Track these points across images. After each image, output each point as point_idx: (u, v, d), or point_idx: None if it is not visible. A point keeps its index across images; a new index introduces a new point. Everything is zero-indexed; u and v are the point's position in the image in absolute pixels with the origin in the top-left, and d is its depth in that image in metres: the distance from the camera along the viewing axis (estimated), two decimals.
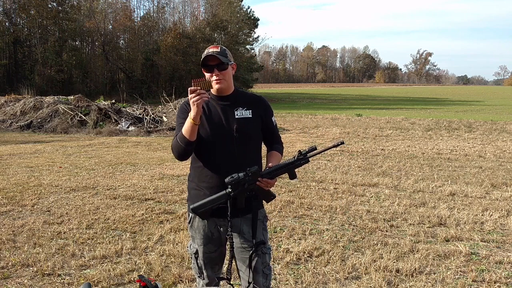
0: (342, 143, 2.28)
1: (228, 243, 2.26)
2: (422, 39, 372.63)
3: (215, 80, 2.23)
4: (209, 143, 2.26)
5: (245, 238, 2.26)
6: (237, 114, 2.29)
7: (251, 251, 2.23)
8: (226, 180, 2.11)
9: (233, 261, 2.27)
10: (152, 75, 40.34)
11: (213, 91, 2.29)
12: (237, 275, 2.37)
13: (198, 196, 2.25)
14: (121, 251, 4.14)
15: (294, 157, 2.23)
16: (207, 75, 2.25)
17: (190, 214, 2.35)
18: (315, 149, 2.20)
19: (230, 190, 2.13)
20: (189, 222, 2.39)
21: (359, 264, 3.86)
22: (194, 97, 2.06)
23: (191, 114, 2.09)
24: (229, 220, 2.19)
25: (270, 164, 2.28)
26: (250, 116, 2.32)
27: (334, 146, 2.25)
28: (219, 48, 2.26)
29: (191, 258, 2.39)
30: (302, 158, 2.21)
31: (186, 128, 2.14)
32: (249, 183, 2.15)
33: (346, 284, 3.54)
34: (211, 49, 2.25)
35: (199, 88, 2.09)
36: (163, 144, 11.76)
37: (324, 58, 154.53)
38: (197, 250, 2.34)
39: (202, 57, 2.25)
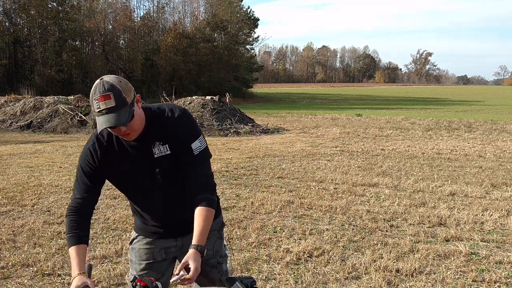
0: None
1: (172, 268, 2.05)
2: (422, 39, 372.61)
3: (122, 135, 1.75)
4: (131, 192, 1.93)
5: None
6: (155, 153, 1.81)
7: (205, 264, 1.94)
8: None
9: None
10: (152, 75, 40.32)
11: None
12: None
13: (141, 216, 2.02)
14: (121, 251, 4.14)
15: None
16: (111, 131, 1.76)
17: (134, 233, 2.06)
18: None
19: None
20: (130, 243, 2.07)
21: (359, 264, 3.86)
22: None
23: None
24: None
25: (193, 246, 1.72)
26: (169, 152, 1.82)
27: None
28: (111, 96, 1.61)
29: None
30: None
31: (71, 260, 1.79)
32: None
33: (346, 284, 3.54)
34: (100, 106, 1.63)
35: None
36: None
37: (324, 58, 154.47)
38: (134, 278, 1.88)
39: (96, 120, 1.69)
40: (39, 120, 15.68)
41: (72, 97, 17.73)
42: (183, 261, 1.68)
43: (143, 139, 1.80)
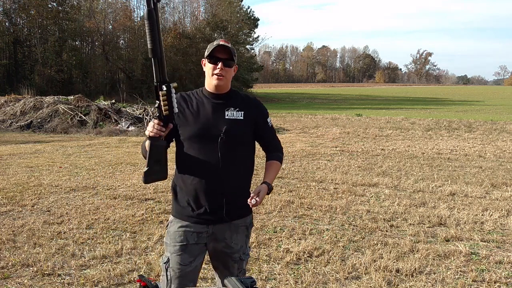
0: None
1: (205, 254, 2.22)
2: (422, 39, 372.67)
3: (217, 74, 2.12)
4: (192, 142, 2.13)
5: (227, 243, 2.19)
6: (227, 115, 2.15)
7: (230, 256, 2.21)
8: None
9: None
10: (152, 75, 40.27)
11: (209, 87, 2.19)
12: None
13: (179, 201, 2.19)
14: (121, 251, 4.14)
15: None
16: (208, 66, 2.14)
17: (171, 217, 2.24)
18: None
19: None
20: (166, 227, 2.27)
21: (359, 264, 3.86)
22: (151, 131, 1.99)
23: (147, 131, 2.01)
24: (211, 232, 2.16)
25: (266, 179, 2.21)
26: (242, 118, 2.17)
27: None
28: (230, 44, 2.14)
29: (162, 270, 2.20)
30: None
31: (146, 144, 2.04)
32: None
33: (346, 284, 3.54)
34: (219, 42, 2.12)
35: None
36: None
37: (324, 58, 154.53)
38: (168, 259, 2.16)
39: (211, 46, 2.12)
40: (39, 120, 15.67)
41: (72, 97, 17.70)
42: (255, 190, 2.10)
43: (223, 99, 2.18)
